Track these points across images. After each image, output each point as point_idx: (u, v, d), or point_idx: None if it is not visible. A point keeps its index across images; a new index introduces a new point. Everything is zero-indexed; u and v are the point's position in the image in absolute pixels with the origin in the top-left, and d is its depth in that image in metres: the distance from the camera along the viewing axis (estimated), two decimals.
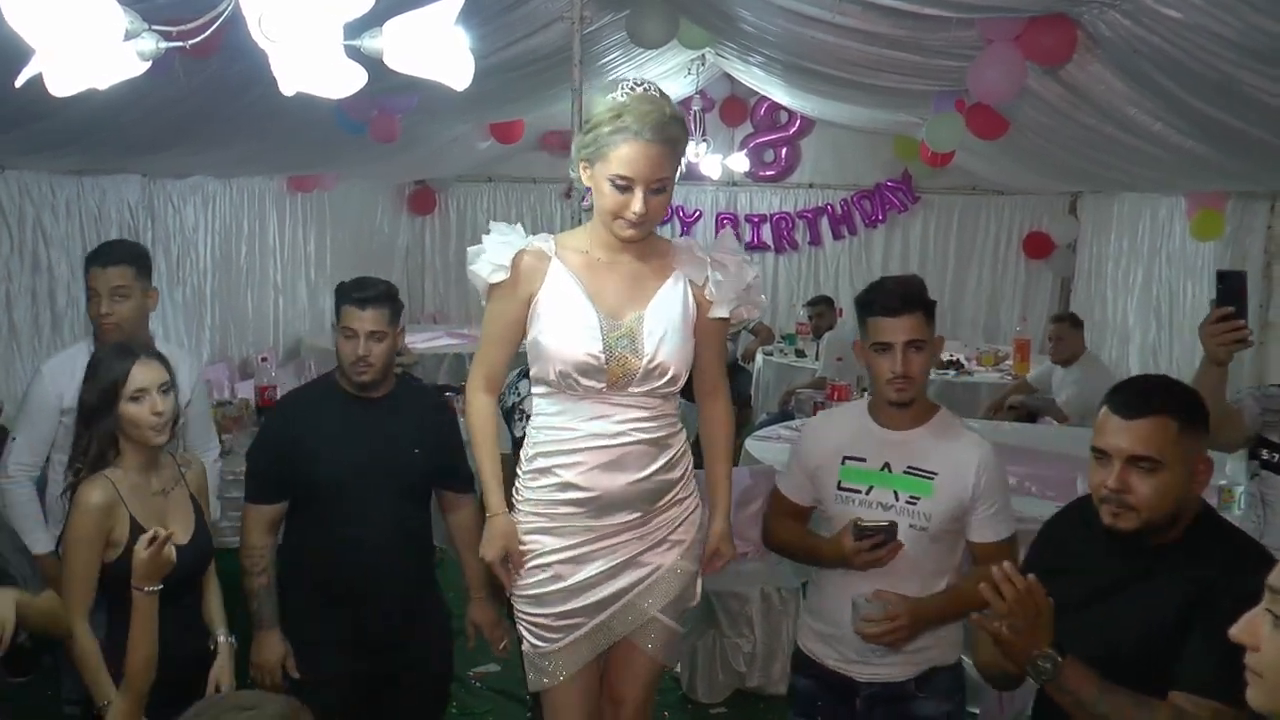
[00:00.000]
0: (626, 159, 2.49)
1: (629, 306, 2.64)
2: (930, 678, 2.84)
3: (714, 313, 2.71)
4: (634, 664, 2.82)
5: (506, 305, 2.69)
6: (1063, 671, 2.09)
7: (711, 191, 10.73)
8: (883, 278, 3.00)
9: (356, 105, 5.38)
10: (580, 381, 2.60)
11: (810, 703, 2.97)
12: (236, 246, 7.75)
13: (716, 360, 2.83)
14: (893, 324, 2.74)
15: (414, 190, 10.69)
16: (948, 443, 2.82)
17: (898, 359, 2.73)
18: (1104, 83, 4.35)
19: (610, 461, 2.62)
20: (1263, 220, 6.10)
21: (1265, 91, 3.41)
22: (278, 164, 7.69)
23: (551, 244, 2.69)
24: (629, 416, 2.63)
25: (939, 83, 5.54)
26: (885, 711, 2.87)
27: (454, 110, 6.77)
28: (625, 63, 7.15)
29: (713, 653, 4.75)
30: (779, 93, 9.03)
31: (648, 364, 2.60)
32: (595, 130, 2.52)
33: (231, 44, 1.87)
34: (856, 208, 10.54)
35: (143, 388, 2.75)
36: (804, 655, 2.99)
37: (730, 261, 2.73)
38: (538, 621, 2.74)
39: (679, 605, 2.81)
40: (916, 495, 2.78)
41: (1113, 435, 2.15)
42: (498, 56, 5.41)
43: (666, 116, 2.52)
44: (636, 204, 2.52)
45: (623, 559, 2.70)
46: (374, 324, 3.14)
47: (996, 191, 10.01)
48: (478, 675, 4.73)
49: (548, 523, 2.69)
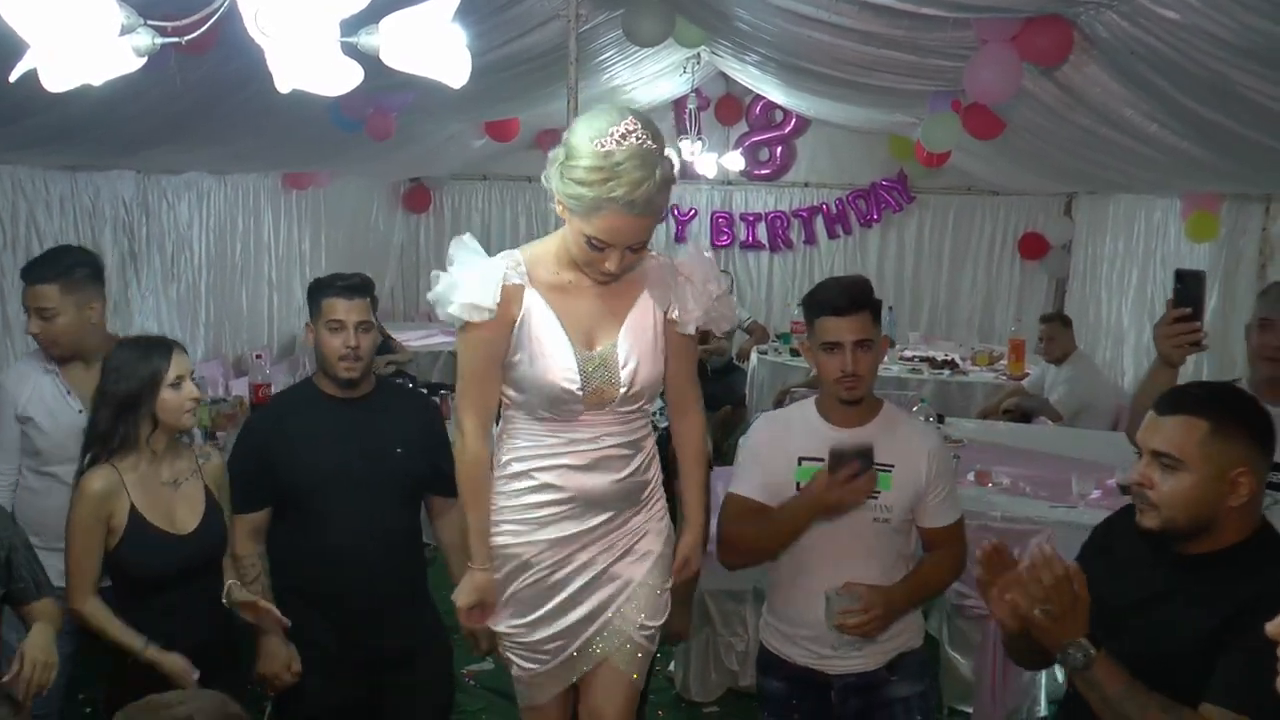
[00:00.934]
0: (609, 229, 2.40)
1: (601, 332, 2.60)
2: (899, 662, 2.91)
3: (681, 330, 2.69)
4: (607, 680, 2.79)
5: (485, 334, 2.57)
6: (1094, 664, 2.08)
7: (707, 190, 10.72)
8: (829, 278, 3.05)
9: (352, 103, 5.37)
10: (559, 407, 2.60)
11: (783, 703, 3.00)
12: (231, 243, 7.74)
13: (687, 375, 2.80)
14: (840, 324, 2.79)
15: (409, 188, 10.69)
16: (899, 435, 2.89)
17: (847, 358, 2.78)
18: (1100, 84, 4.35)
19: (588, 464, 2.62)
20: (1257, 222, 6.10)
21: (1260, 93, 3.42)
22: (273, 161, 7.68)
23: (523, 269, 2.57)
24: (607, 431, 2.64)
25: (935, 83, 5.54)
26: (860, 700, 2.92)
27: (449, 108, 6.77)
28: (621, 61, 7.15)
29: (706, 652, 4.75)
30: (775, 92, 9.03)
31: (625, 392, 2.60)
32: (581, 187, 2.37)
33: (228, 40, 1.87)
34: (852, 207, 10.54)
35: (181, 375, 2.85)
36: (772, 656, 3.01)
37: (697, 274, 2.68)
38: (524, 645, 2.75)
39: (652, 622, 2.78)
40: (877, 489, 2.81)
41: (1145, 431, 2.16)
42: (493, 55, 5.41)
43: (656, 185, 2.39)
44: (611, 264, 2.47)
45: (597, 573, 2.69)
46: (361, 314, 3.13)
47: (992, 192, 10.01)
48: (471, 673, 4.73)
49: (525, 529, 2.67)
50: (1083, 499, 4.62)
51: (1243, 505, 2.09)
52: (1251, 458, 2.09)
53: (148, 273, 6.64)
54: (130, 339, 3.06)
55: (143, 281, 6.60)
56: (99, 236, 6.09)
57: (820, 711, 2.94)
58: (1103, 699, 2.09)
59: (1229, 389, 2.27)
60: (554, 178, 2.46)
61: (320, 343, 3.15)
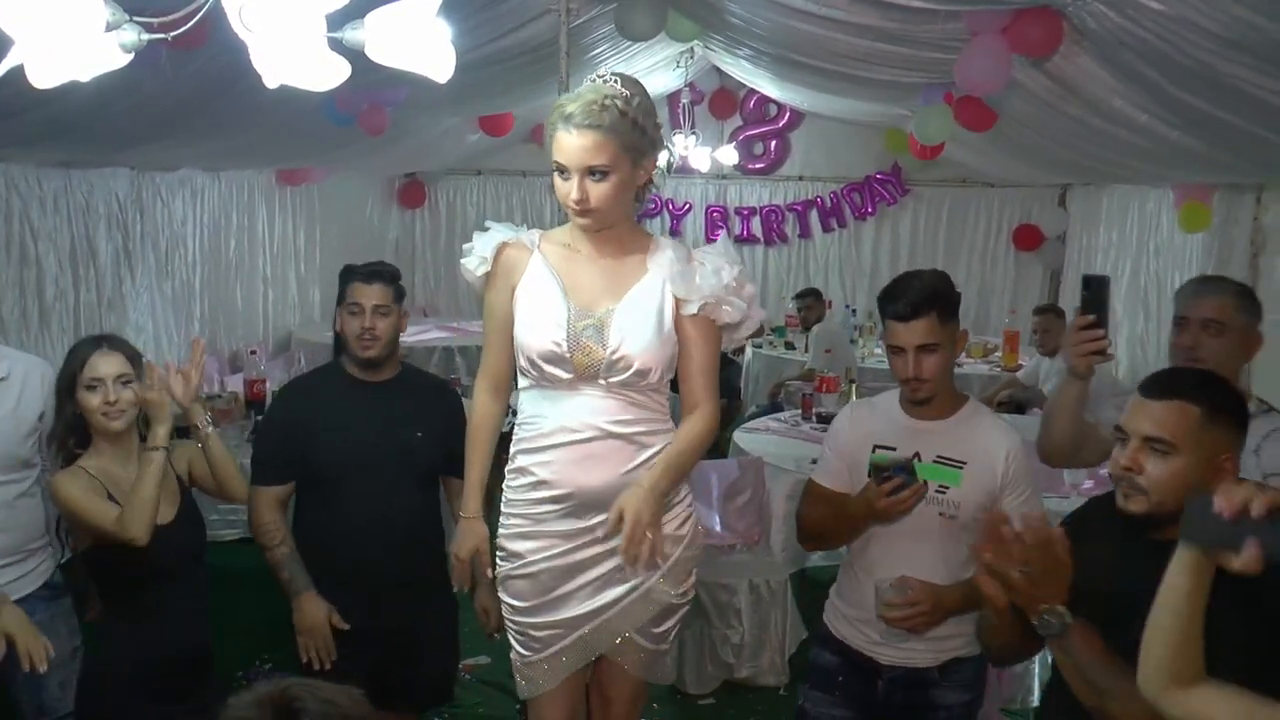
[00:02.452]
0: (560, 146, 2.53)
1: (604, 299, 2.64)
2: (952, 667, 2.87)
3: (685, 310, 2.65)
4: (615, 681, 2.84)
5: (495, 298, 2.73)
6: (1071, 631, 2.11)
7: (701, 184, 10.73)
8: (902, 275, 2.94)
9: (346, 98, 5.38)
10: (546, 369, 2.61)
11: (831, 678, 2.98)
12: (225, 240, 7.74)
13: (700, 372, 2.72)
14: (903, 329, 2.76)
15: (404, 183, 10.68)
16: (976, 432, 2.84)
17: (909, 363, 2.76)
18: (1090, 75, 4.37)
19: (581, 457, 2.61)
20: (1249, 212, 6.11)
21: (1248, 83, 3.43)
22: (267, 157, 7.68)
23: (535, 237, 2.73)
24: (600, 409, 2.62)
25: (927, 75, 5.55)
26: (906, 696, 2.90)
27: (443, 103, 6.77)
28: (613, 55, 7.15)
29: (701, 644, 4.77)
30: (768, 85, 9.04)
31: (611, 355, 2.59)
32: (548, 122, 2.57)
33: (219, 36, 1.87)
34: (846, 200, 10.55)
35: (99, 377, 2.82)
36: (831, 634, 3.01)
37: (710, 260, 2.69)
38: (523, 630, 2.77)
39: (657, 627, 2.78)
40: (946, 484, 2.79)
41: (1133, 415, 2.15)
42: (486, 49, 5.42)
43: (601, 103, 2.49)
44: (574, 190, 2.53)
45: (604, 573, 2.69)
46: (379, 298, 3.19)
47: (986, 184, 10.03)
48: (468, 668, 4.73)
49: (531, 526, 2.70)
50: (1075, 489, 4.63)
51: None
52: (1235, 444, 2.12)
53: (142, 270, 6.65)
54: (83, 338, 3.07)
55: (137, 278, 6.60)
56: (93, 234, 6.10)
57: (865, 695, 2.93)
58: (1077, 666, 2.13)
59: (1208, 373, 2.27)
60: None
61: (341, 325, 3.24)
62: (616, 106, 2.52)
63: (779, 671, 4.71)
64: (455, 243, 2.98)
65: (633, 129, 2.54)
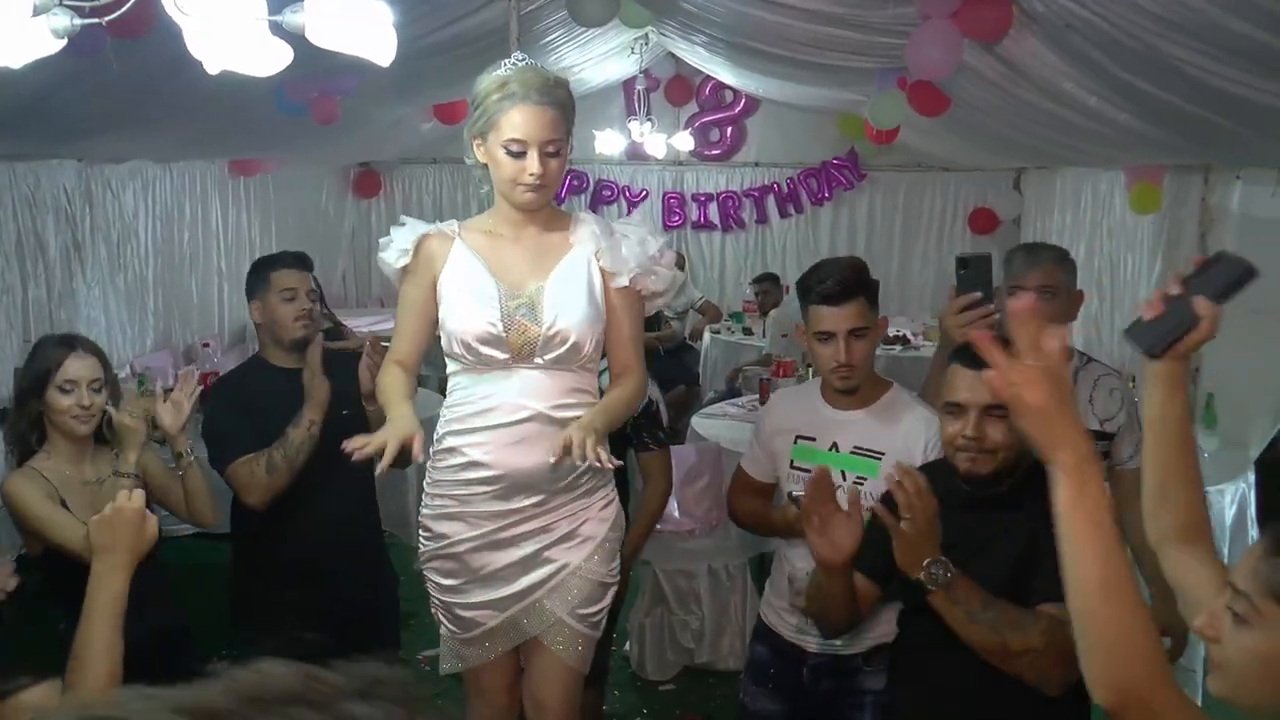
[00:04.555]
0: (517, 123, 2.52)
1: (531, 277, 2.65)
2: (877, 653, 2.88)
3: (614, 283, 2.69)
4: (545, 665, 2.81)
5: (413, 289, 2.73)
6: (956, 581, 2.21)
7: (657, 171, 10.72)
8: (822, 262, 2.96)
9: (295, 86, 5.32)
10: (482, 351, 2.60)
11: (764, 669, 3.03)
12: (178, 232, 7.65)
13: (630, 340, 2.75)
14: (833, 313, 2.74)
15: (359, 173, 10.60)
16: (895, 423, 2.84)
17: (840, 348, 2.74)
18: (1040, 58, 4.39)
19: (515, 440, 2.61)
20: (1197, 192, 6.18)
21: (1193, 65, 3.46)
22: (218, 148, 7.60)
23: (455, 226, 2.74)
24: (534, 390, 2.62)
25: (881, 60, 5.56)
26: (832, 683, 2.92)
27: (395, 91, 6.71)
28: (567, 42, 7.13)
29: (661, 630, 4.78)
30: (723, 72, 9.04)
31: (547, 331, 2.59)
32: (484, 102, 2.55)
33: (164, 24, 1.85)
34: (803, 186, 10.58)
35: (73, 379, 2.79)
36: (763, 625, 3.06)
37: (633, 231, 2.73)
38: (449, 609, 2.77)
39: (587, 609, 2.78)
40: (863, 476, 2.80)
41: (964, 389, 2.30)
42: (437, 36, 5.38)
43: (551, 81, 2.57)
44: (533, 165, 2.54)
45: (529, 553, 2.69)
46: (310, 283, 3.33)
47: (942, 168, 10.08)
48: (427, 659, 4.72)
49: (458, 507, 2.69)
50: None
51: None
52: None
53: (93, 263, 6.56)
54: (49, 335, 3.03)
55: (88, 272, 6.52)
56: (41, 227, 6.01)
57: (793, 683, 2.96)
58: (966, 613, 2.21)
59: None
60: (466, 131, 2.64)
61: (272, 312, 3.27)
62: (564, 86, 2.61)
63: (739, 656, 4.72)
64: None
65: (572, 110, 2.63)
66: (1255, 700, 1.46)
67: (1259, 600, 1.43)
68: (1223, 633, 1.48)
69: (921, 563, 2.24)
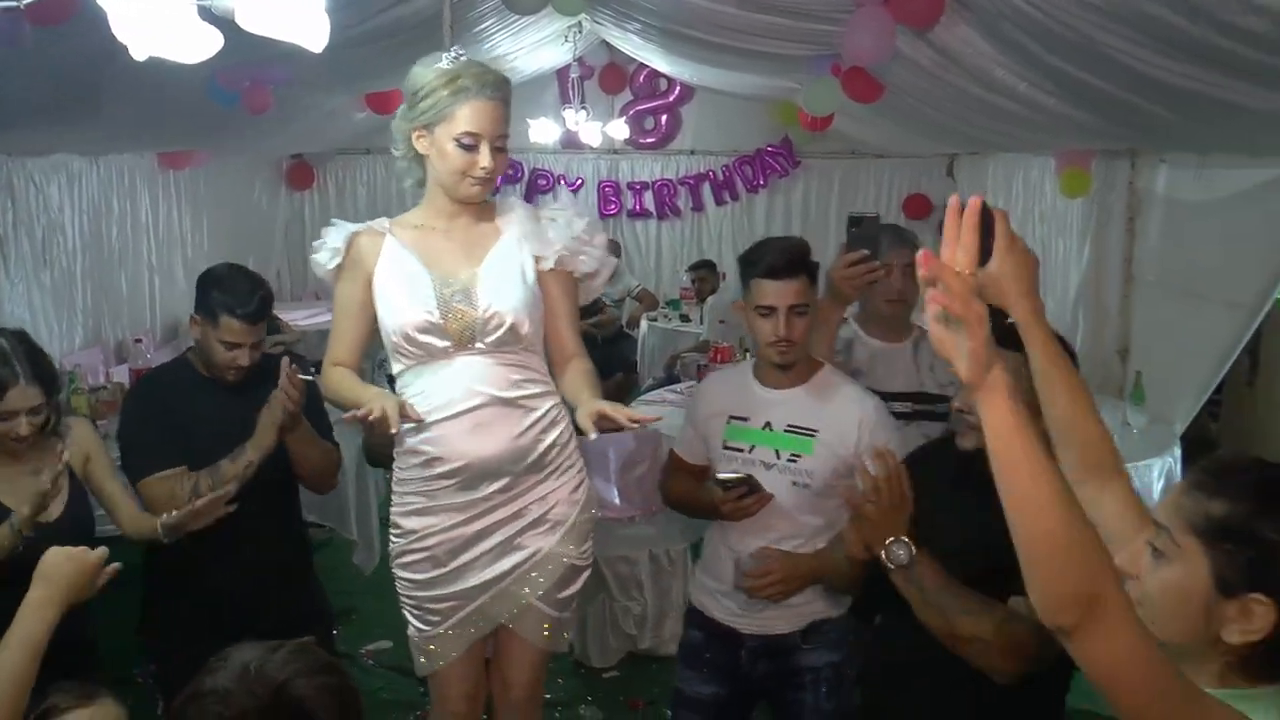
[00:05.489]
0: (472, 116, 2.55)
1: (464, 265, 2.67)
2: (814, 629, 2.91)
3: (543, 265, 2.72)
4: (516, 649, 2.84)
5: (348, 288, 2.73)
6: (917, 561, 2.25)
7: (593, 160, 10.70)
8: (767, 239, 3.03)
9: (227, 74, 5.24)
10: (422, 341, 2.61)
11: (698, 653, 3.04)
12: (107, 227, 7.49)
13: (567, 325, 2.81)
14: (777, 288, 2.78)
15: (291, 165, 10.45)
16: (829, 401, 2.87)
17: (780, 323, 2.77)
18: (972, 45, 4.43)
19: (472, 427, 2.62)
20: (1124, 176, 6.29)
21: (1123, 52, 3.51)
22: (148, 140, 7.46)
23: (386, 223, 2.75)
24: (484, 375, 2.63)
25: (814, 47, 5.59)
26: (770, 664, 2.94)
27: (328, 80, 6.63)
28: (500, 30, 7.08)
29: (603, 617, 4.79)
30: (658, 60, 9.03)
31: (485, 313, 2.61)
32: (432, 94, 2.56)
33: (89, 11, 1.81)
34: (738, 173, 10.61)
35: (13, 410, 2.70)
36: (695, 609, 3.07)
37: (560, 214, 2.78)
38: (419, 605, 2.76)
39: (560, 592, 2.79)
40: (798, 453, 2.84)
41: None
42: (370, 23, 5.31)
43: (500, 77, 2.62)
44: (485, 159, 2.57)
45: (500, 540, 2.70)
46: (256, 336, 3.07)
47: (876, 155, 10.15)
48: (370, 653, 4.70)
49: (425, 502, 2.69)
50: None
51: None
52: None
53: (16, 259, 6.41)
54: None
55: (11, 268, 6.37)
56: None
57: (729, 666, 2.98)
58: (923, 594, 2.25)
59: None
60: (401, 123, 2.66)
61: (209, 347, 3.06)
62: (509, 84, 2.66)
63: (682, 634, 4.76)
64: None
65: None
66: (1169, 634, 1.48)
67: (1179, 535, 1.47)
68: (1142, 569, 1.52)
69: (884, 541, 2.27)
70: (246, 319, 3.00)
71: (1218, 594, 1.43)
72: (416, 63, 2.66)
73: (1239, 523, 1.42)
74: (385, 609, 3.01)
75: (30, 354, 2.77)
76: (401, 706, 4.37)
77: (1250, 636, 1.41)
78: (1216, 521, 1.43)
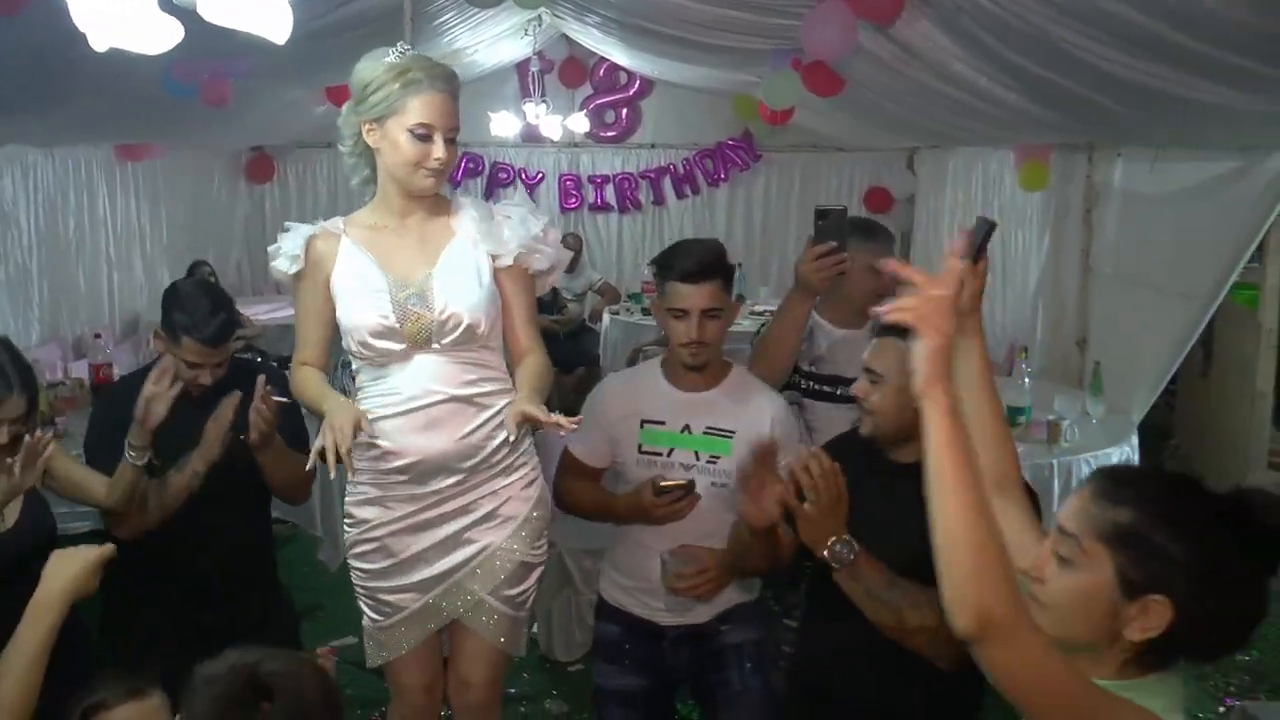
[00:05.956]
0: (425, 108, 2.56)
1: (419, 266, 2.66)
2: (731, 613, 2.96)
3: (499, 263, 2.72)
4: (471, 646, 2.83)
5: (307, 292, 2.73)
6: (859, 558, 2.29)
7: (553, 153, 10.68)
8: (683, 241, 3.06)
9: (185, 67, 5.20)
10: (377, 345, 2.62)
11: (617, 647, 3.05)
12: (63, 219, 7.41)
13: (524, 321, 2.80)
14: (690, 291, 2.80)
15: (251, 157, 10.36)
16: (743, 401, 2.91)
17: (693, 326, 2.80)
18: (932, 40, 4.47)
19: (425, 424, 2.63)
20: (1082, 170, 6.36)
21: (1079, 47, 3.55)
22: (104, 132, 7.38)
23: (340, 224, 2.74)
24: (439, 374, 2.64)
25: (775, 41, 5.62)
26: (693, 650, 2.98)
27: (287, 73, 6.59)
28: (460, 23, 7.07)
29: (568, 611, 4.79)
30: (618, 53, 9.03)
31: (440, 316, 2.61)
32: (383, 88, 2.56)
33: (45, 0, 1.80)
34: (698, 167, 10.62)
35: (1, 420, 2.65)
36: (608, 605, 3.07)
37: (515, 212, 2.77)
38: (372, 595, 2.77)
39: (511, 589, 2.79)
40: (717, 455, 2.87)
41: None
42: (330, 17, 5.29)
43: (449, 71, 2.63)
44: (438, 150, 2.58)
45: (451, 534, 2.70)
46: (220, 357, 3.05)
47: (837, 148, 10.18)
48: (334, 649, 4.67)
49: (378, 492, 2.70)
50: None
51: None
52: None
53: None
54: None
55: None
56: None
57: (651, 658, 3.00)
58: (866, 591, 2.30)
59: None
60: (350, 117, 2.65)
61: (167, 354, 3.03)
62: (457, 76, 2.66)
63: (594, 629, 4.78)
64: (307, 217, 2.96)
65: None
66: (1075, 634, 1.57)
67: (1086, 542, 1.55)
68: (1048, 575, 1.61)
69: (826, 541, 2.30)
70: (206, 342, 2.98)
71: (1122, 596, 1.52)
72: (362, 59, 2.65)
73: (1143, 530, 1.52)
74: (351, 605, 2.99)
75: (16, 362, 2.71)
76: (366, 703, 4.36)
77: (1149, 634, 1.51)
78: (1123, 529, 1.53)
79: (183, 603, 3.09)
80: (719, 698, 2.99)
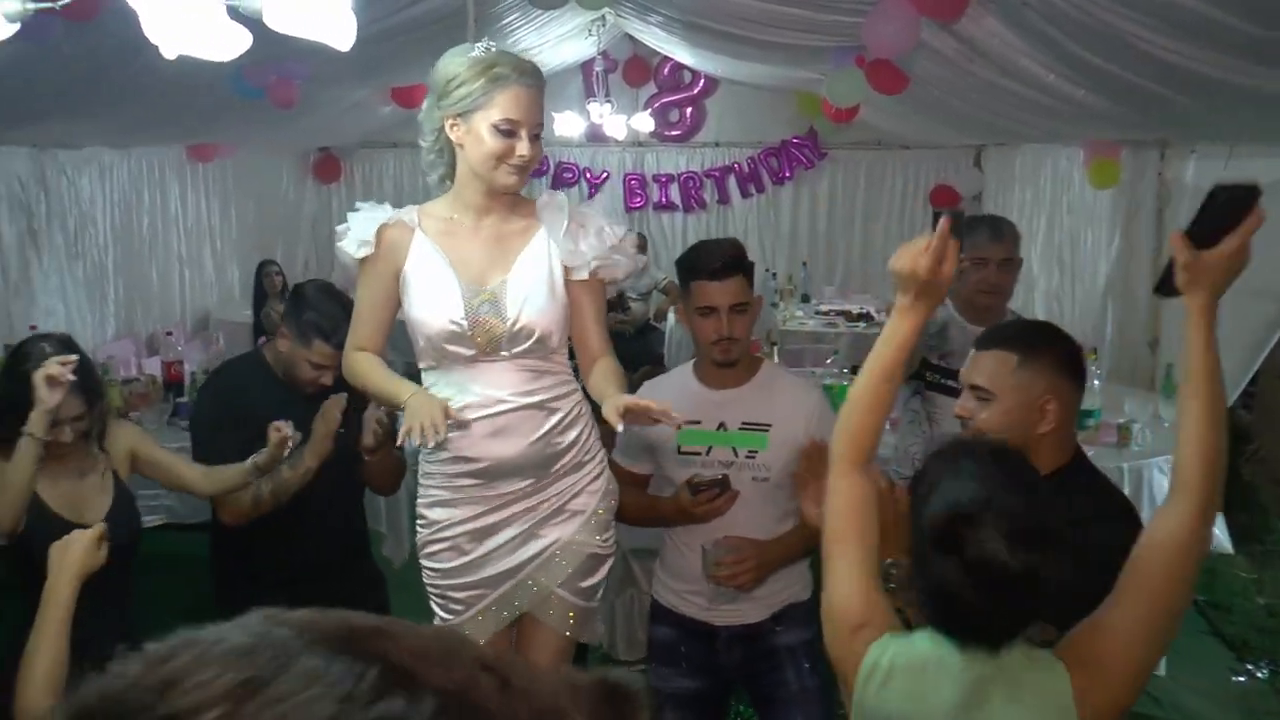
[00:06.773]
0: (511, 104, 2.51)
1: (493, 271, 2.62)
2: (785, 614, 2.96)
3: (573, 276, 2.67)
4: (540, 637, 2.83)
5: (375, 280, 2.68)
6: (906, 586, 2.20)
7: (618, 153, 10.70)
8: (702, 242, 3.07)
9: (253, 70, 5.28)
10: (448, 349, 2.59)
11: (673, 649, 3.06)
12: (138, 218, 7.57)
13: (595, 327, 2.76)
14: (717, 288, 2.82)
15: (318, 158, 10.51)
16: (777, 393, 2.92)
17: (723, 322, 2.82)
18: (997, 35, 4.42)
19: (495, 430, 2.61)
20: (1154, 167, 6.25)
21: (1149, 42, 3.50)
22: (176, 132, 7.51)
23: (414, 215, 2.68)
24: (507, 381, 2.62)
25: (837, 38, 5.58)
26: (745, 648, 2.98)
27: (352, 74, 6.66)
28: (524, 25, 7.10)
29: (631, 611, 4.78)
30: (681, 52, 9.02)
31: (512, 327, 2.58)
32: (468, 83, 2.51)
33: (115, 7, 1.83)
34: (763, 165, 10.59)
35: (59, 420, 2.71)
36: (662, 608, 3.08)
37: (590, 222, 2.70)
38: (443, 594, 2.78)
39: (580, 581, 2.79)
40: (755, 449, 2.88)
41: (967, 366, 2.35)
42: (395, 19, 5.35)
43: (535, 67, 2.59)
44: (523, 146, 2.54)
45: (521, 531, 2.70)
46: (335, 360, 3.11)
47: (902, 146, 10.10)
48: None
49: (449, 494, 2.70)
50: None
51: (1051, 432, 2.21)
52: (1058, 387, 2.22)
53: (50, 251, 6.49)
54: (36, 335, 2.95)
55: (45, 261, 6.45)
56: None
57: (706, 659, 3.01)
58: (913, 616, 2.24)
59: (1039, 324, 2.43)
60: (432, 112, 2.60)
61: (295, 362, 3.19)
62: (542, 73, 2.62)
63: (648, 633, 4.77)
64: None
65: None
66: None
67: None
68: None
69: (882, 561, 2.26)
70: (339, 346, 3.00)
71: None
72: (445, 53, 2.61)
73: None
74: (414, 601, 3.02)
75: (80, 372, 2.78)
76: None
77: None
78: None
79: (292, 580, 3.16)
80: (777, 698, 2.99)
